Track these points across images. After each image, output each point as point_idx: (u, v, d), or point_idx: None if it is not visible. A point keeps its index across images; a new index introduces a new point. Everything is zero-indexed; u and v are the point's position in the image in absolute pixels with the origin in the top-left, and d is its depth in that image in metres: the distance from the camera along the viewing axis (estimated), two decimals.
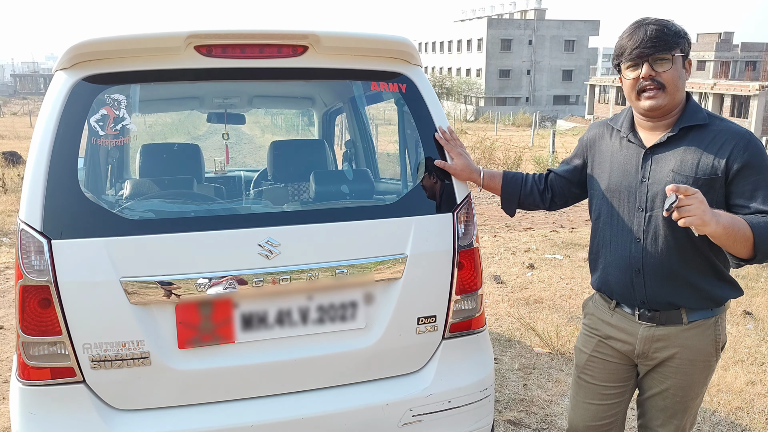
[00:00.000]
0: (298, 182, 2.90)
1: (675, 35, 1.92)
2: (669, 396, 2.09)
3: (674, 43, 1.92)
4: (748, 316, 5.13)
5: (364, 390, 2.29)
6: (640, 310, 2.06)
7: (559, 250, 7.37)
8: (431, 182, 2.35)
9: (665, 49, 1.91)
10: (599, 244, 2.16)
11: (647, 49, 1.91)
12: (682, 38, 1.94)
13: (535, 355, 4.36)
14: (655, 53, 1.91)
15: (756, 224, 1.81)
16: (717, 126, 1.96)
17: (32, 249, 1.97)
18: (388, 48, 2.33)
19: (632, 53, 1.94)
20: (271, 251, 2.10)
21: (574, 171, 2.31)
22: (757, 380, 3.98)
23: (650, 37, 1.91)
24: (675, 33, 1.92)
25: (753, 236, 1.80)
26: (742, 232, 1.80)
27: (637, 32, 1.94)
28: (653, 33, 1.91)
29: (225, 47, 2.16)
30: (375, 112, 6.20)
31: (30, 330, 2.00)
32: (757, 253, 1.83)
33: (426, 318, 2.31)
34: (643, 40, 1.91)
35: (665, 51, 1.91)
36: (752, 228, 1.80)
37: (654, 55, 1.91)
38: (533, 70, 62.58)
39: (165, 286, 2.03)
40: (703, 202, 1.73)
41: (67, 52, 2.05)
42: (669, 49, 1.91)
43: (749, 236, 1.80)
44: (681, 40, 1.93)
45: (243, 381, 2.18)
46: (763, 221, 1.83)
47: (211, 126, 4.49)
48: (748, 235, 1.80)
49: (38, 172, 2.00)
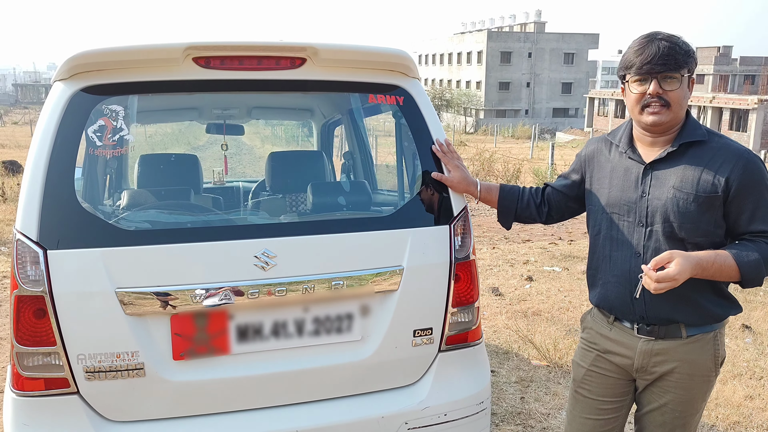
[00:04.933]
0: (296, 193, 2.90)
1: (685, 54, 1.91)
2: (668, 411, 2.07)
3: (683, 62, 1.91)
4: (747, 330, 5.12)
5: (359, 403, 2.28)
6: (639, 324, 2.06)
7: (557, 263, 7.36)
8: (428, 194, 2.35)
9: (675, 68, 1.90)
10: (599, 259, 2.16)
11: (657, 66, 1.89)
12: (691, 58, 1.93)
13: (532, 368, 4.34)
14: (665, 71, 1.90)
15: (746, 264, 1.88)
16: (716, 143, 1.97)
17: (28, 259, 1.97)
18: (386, 60, 2.34)
19: (642, 68, 1.92)
20: (267, 263, 2.10)
21: (572, 185, 2.31)
22: (756, 394, 3.96)
23: (662, 54, 1.89)
24: (685, 52, 1.91)
25: (740, 274, 1.89)
26: (727, 273, 1.89)
27: (648, 47, 1.91)
28: (665, 50, 1.89)
29: (223, 59, 2.17)
30: (375, 123, 6.22)
31: (24, 340, 2.00)
32: (744, 285, 1.93)
33: (422, 330, 2.30)
34: (654, 56, 1.89)
35: (675, 70, 1.90)
36: (740, 267, 1.88)
37: (664, 73, 1.90)
38: (533, 83, 62.82)
39: (160, 297, 2.03)
40: (678, 274, 1.81)
41: (66, 63, 2.06)
42: (679, 68, 1.90)
43: (736, 275, 1.90)
44: (690, 59, 1.92)
45: (238, 393, 2.16)
46: (753, 259, 1.88)
47: (210, 137, 4.51)
48: (734, 274, 1.89)
49: (35, 182, 2.00)
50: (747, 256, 1.88)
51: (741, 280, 1.90)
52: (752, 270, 1.87)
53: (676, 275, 1.80)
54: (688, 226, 1.94)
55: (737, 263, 1.87)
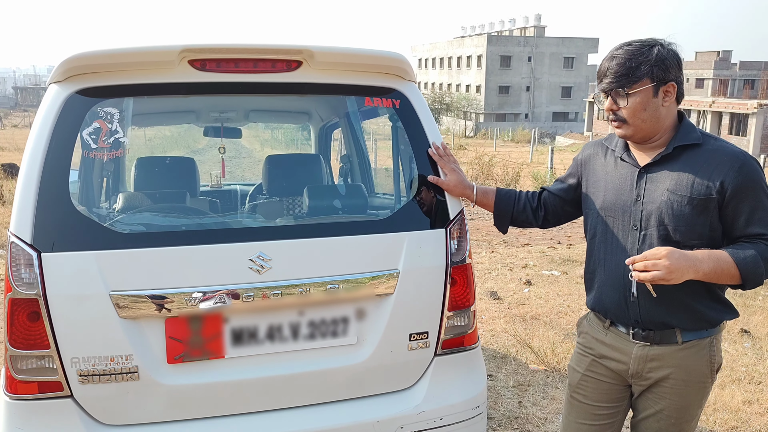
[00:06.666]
0: (292, 197, 2.90)
1: (639, 67, 1.89)
2: (663, 418, 2.06)
3: (636, 77, 1.89)
4: (746, 335, 5.11)
5: (354, 407, 2.27)
6: (634, 329, 2.04)
7: (556, 267, 7.35)
8: (424, 198, 2.34)
9: (623, 84, 1.91)
10: (595, 262, 2.15)
11: (608, 83, 1.94)
12: (653, 67, 1.89)
13: (530, 372, 4.33)
14: (615, 88, 1.93)
15: (742, 260, 1.85)
16: (711, 145, 1.96)
17: (22, 262, 1.96)
18: (382, 64, 2.33)
19: (599, 84, 1.98)
20: (262, 266, 2.09)
21: (568, 190, 2.30)
22: (754, 399, 3.95)
23: (613, 71, 1.92)
24: (640, 64, 1.89)
25: (739, 272, 1.86)
26: (726, 272, 1.86)
27: (606, 62, 1.96)
28: (615, 67, 1.91)
29: (219, 61, 2.17)
30: (374, 127, 6.23)
31: (18, 343, 1.99)
32: (746, 285, 1.89)
33: (418, 334, 2.30)
34: (606, 74, 1.94)
35: (622, 87, 1.91)
36: (737, 264, 1.85)
37: (614, 90, 1.93)
38: (532, 87, 62.92)
39: (155, 300, 2.02)
40: (667, 257, 1.79)
41: (61, 66, 2.06)
42: (628, 83, 1.90)
43: (735, 273, 1.86)
44: (653, 68, 1.89)
45: (232, 397, 2.15)
46: (750, 255, 1.86)
47: (209, 140, 4.51)
48: (733, 273, 1.86)
49: (29, 185, 2.00)
50: (744, 254, 1.86)
51: (741, 279, 1.87)
52: (750, 267, 1.85)
53: (665, 255, 1.80)
54: (682, 229, 1.93)
55: (734, 260, 1.85)
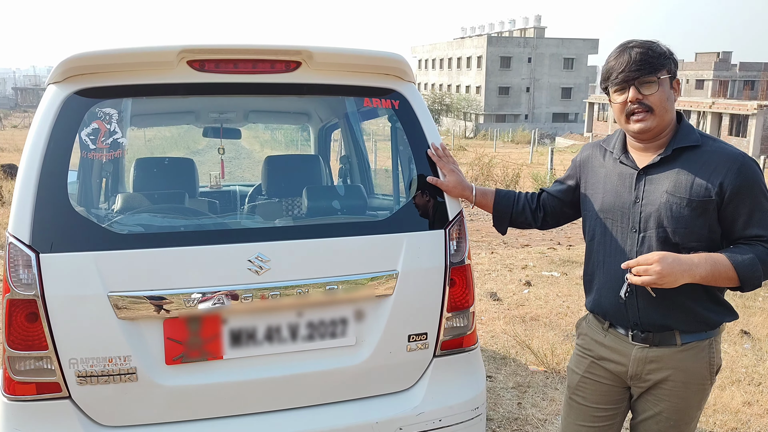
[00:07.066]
0: (292, 197, 2.89)
1: (660, 57, 1.92)
2: (662, 420, 2.05)
3: (659, 65, 1.92)
4: (746, 336, 5.10)
5: (353, 408, 2.26)
6: (633, 331, 2.04)
7: (556, 268, 7.35)
8: (423, 199, 2.34)
9: (651, 71, 1.91)
10: (594, 264, 2.15)
11: (633, 72, 1.92)
12: (668, 59, 1.94)
13: (530, 373, 4.32)
14: (641, 76, 1.91)
15: (740, 263, 1.86)
16: (710, 147, 1.96)
17: (20, 262, 1.96)
18: (381, 64, 2.33)
19: (618, 77, 1.94)
20: (261, 267, 2.09)
21: (567, 191, 2.30)
22: (754, 400, 3.95)
23: (635, 60, 1.91)
24: (660, 54, 1.92)
25: (737, 275, 1.86)
26: (724, 275, 1.87)
27: (621, 56, 1.94)
28: (637, 56, 1.91)
29: (218, 62, 2.17)
30: (374, 128, 6.22)
31: (16, 344, 1.98)
32: (744, 287, 1.90)
33: (417, 335, 2.29)
34: (628, 64, 1.92)
35: (651, 74, 1.91)
36: (735, 267, 1.86)
37: (640, 78, 1.92)
38: (532, 88, 62.92)
39: (153, 301, 2.01)
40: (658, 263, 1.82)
41: (59, 66, 2.06)
42: (654, 71, 1.91)
43: (733, 276, 1.87)
44: (667, 61, 1.93)
45: (231, 398, 2.15)
46: (748, 257, 1.87)
47: (208, 141, 4.50)
48: (731, 275, 1.87)
49: (28, 186, 1.99)
50: (742, 256, 1.87)
51: (740, 281, 1.87)
52: (748, 269, 1.85)
53: (657, 260, 1.82)
54: (681, 231, 1.93)
55: (731, 262, 1.85)
